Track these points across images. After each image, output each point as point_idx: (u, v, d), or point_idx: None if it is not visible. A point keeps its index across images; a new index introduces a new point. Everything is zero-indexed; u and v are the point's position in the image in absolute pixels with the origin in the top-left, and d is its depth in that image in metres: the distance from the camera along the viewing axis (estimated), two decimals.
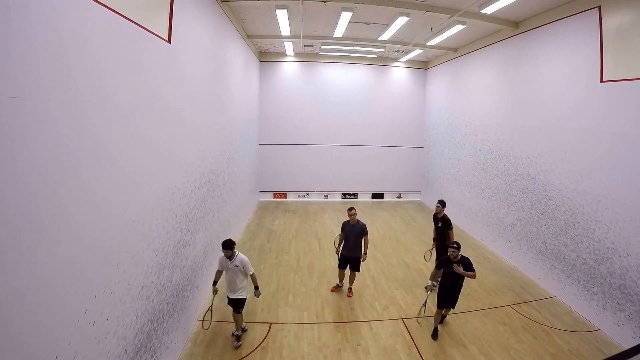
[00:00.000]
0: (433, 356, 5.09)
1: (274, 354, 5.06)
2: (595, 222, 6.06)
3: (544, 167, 7.41)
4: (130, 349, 3.49)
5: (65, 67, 2.49)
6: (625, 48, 5.55)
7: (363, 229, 6.47)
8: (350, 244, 6.51)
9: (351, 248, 6.51)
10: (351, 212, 6.50)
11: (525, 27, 8.02)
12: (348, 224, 6.55)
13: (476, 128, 10.35)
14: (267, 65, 13.58)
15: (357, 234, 6.47)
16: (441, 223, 7.00)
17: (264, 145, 13.80)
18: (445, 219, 6.98)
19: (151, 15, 3.91)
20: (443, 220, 6.99)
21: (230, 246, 4.95)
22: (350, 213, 6.50)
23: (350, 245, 6.51)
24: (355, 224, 6.48)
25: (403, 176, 14.76)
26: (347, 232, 6.52)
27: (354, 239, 6.48)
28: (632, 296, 5.34)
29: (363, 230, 6.47)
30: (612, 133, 5.76)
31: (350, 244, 6.50)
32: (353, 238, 6.47)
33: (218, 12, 6.93)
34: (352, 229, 6.48)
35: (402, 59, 13.55)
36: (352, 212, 6.50)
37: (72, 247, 2.57)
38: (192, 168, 5.48)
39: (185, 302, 5.18)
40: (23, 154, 2.13)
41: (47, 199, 2.33)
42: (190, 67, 5.31)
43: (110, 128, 3.08)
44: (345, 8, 7.63)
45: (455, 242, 5.48)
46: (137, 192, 3.60)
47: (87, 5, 2.73)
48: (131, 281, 3.48)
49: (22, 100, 2.11)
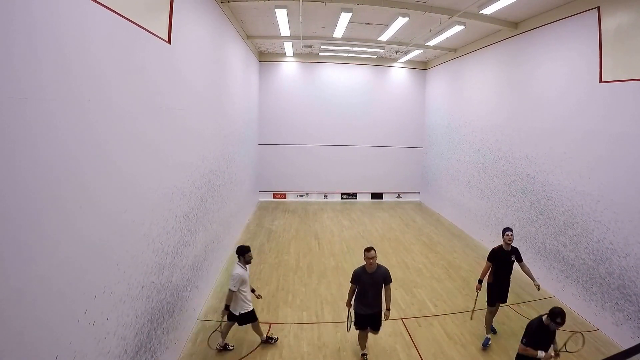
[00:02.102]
0: (432, 356, 5.10)
1: (274, 354, 5.06)
2: (594, 223, 6.07)
3: (543, 167, 7.43)
4: (130, 349, 3.49)
5: (65, 67, 2.49)
6: (624, 48, 5.57)
7: (386, 276, 4.70)
8: (369, 298, 4.72)
9: (370, 303, 4.74)
10: (370, 255, 4.56)
11: (525, 27, 8.03)
12: (364, 273, 4.67)
13: (475, 128, 10.36)
14: (266, 66, 13.59)
15: (378, 284, 4.70)
16: (515, 256, 5.35)
17: (263, 145, 13.80)
18: (516, 250, 5.41)
19: (151, 15, 3.91)
20: (515, 252, 5.38)
21: None
22: (368, 255, 4.56)
23: (369, 299, 4.72)
24: (375, 271, 4.64)
25: (402, 176, 14.77)
26: (364, 284, 4.69)
27: (375, 291, 4.72)
28: (631, 296, 5.36)
29: (386, 277, 4.71)
30: (611, 133, 5.77)
31: (368, 297, 4.72)
32: (373, 290, 4.71)
33: (218, 13, 6.94)
34: (371, 279, 4.65)
35: (402, 59, 13.56)
36: (370, 253, 4.56)
37: (72, 247, 2.58)
38: (191, 168, 5.48)
39: (185, 302, 5.18)
40: (23, 154, 2.14)
41: (47, 199, 2.33)
42: (190, 67, 5.31)
43: (110, 128, 3.09)
44: (344, 8, 7.64)
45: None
46: (136, 192, 3.61)
47: (87, 5, 2.73)
48: (131, 281, 3.48)
49: (22, 101, 2.11)
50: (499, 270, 5.35)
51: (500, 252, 5.34)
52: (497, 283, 5.40)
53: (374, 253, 4.59)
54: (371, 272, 4.65)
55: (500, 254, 5.33)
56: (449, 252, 9.16)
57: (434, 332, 5.67)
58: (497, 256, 5.32)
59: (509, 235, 5.29)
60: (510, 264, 5.36)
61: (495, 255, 5.34)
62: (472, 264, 8.46)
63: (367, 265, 4.65)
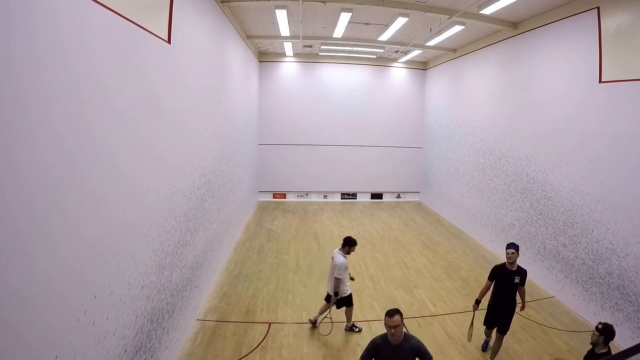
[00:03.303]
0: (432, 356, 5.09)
1: (274, 354, 5.06)
2: (594, 223, 6.08)
3: (542, 167, 7.43)
4: (130, 348, 3.49)
5: (65, 67, 2.49)
6: (624, 49, 5.57)
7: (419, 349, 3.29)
8: None
9: None
10: (393, 321, 3.18)
11: (524, 27, 8.04)
12: (385, 345, 3.29)
13: (475, 128, 10.37)
14: (266, 66, 13.59)
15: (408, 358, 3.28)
16: (519, 278, 4.59)
17: (263, 145, 13.80)
18: (523, 272, 4.67)
19: (151, 15, 3.91)
20: (521, 274, 4.62)
21: None
22: (390, 323, 3.19)
23: None
24: (400, 342, 3.25)
25: (402, 176, 14.77)
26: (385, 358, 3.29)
27: None
28: (631, 296, 5.36)
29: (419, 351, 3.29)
30: (611, 133, 5.77)
31: None
32: None
33: (218, 13, 6.94)
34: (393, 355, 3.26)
35: (402, 59, 13.57)
36: (393, 320, 3.18)
37: (71, 247, 2.58)
38: (191, 168, 5.48)
39: (185, 302, 5.18)
40: (23, 154, 2.13)
41: (47, 199, 2.33)
42: (190, 67, 5.31)
43: (110, 128, 3.09)
44: (344, 9, 7.64)
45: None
46: (136, 192, 3.61)
47: (87, 5, 2.73)
48: (131, 281, 3.48)
49: (22, 101, 2.11)
50: (498, 292, 4.73)
51: (501, 270, 4.66)
52: (494, 306, 4.79)
53: (398, 319, 3.18)
54: (396, 342, 3.25)
55: (501, 273, 4.65)
56: (448, 252, 9.16)
57: (434, 332, 5.67)
58: (498, 274, 4.68)
59: (508, 254, 4.57)
60: (512, 287, 4.61)
61: (496, 273, 4.69)
62: (471, 264, 8.46)
63: (389, 335, 3.24)
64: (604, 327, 3.39)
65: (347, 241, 5.49)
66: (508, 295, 4.67)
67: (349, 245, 5.47)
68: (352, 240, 5.51)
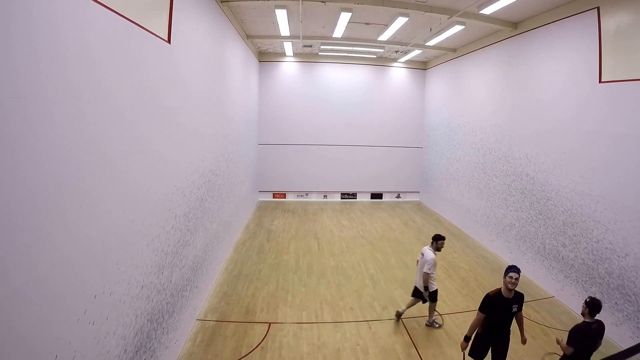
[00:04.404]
0: (432, 356, 5.10)
1: (273, 354, 5.06)
2: (594, 223, 6.08)
3: (542, 167, 7.43)
4: (129, 348, 3.49)
5: (64, 67, 2.49)
6: (624, 49, 5.57)
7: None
8: None
9: None
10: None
11: (524, 27, 8.04)
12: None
13: (475, 128, 10.37)
14: (266, 66, 13.58)
15: None
16: (517, 306, 3.99)
17: (263, 145, 13.80)
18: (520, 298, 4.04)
19: (151, 15, 3.91)
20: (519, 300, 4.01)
21: None
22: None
23: None
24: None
25: (402, 176, 14.77)
26: None
27: None
28: (630, 296, 5.36)
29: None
30: (611, 134, 5.77)
31: None
32: None
33: (218, 12, 6.94)
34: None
35: (401, 59, 13.57)
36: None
37: (71, 247, 2.58)
38: (191, 168, 5.48)
39: (185, 302, 5.18)
40: (23, 154, 2.13)
41: (47, 199, 2.33)
42: (190, 67, 5.31)
43: (110, 128, 3.09)
44: (344, 8, 7.64)
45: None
46: (136, 192, 3.61)
47: (87, 5, 2.73)
48: (131, 281, 3.49)
49: (22, 101, 2.11)
50: (492, 323, 4.00)
51: (497, 300, 3.91)
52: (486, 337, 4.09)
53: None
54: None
55: (497, 303, 3.91)
56: (448, 252, 9.15)
57: (434, 332, 5.67)
58: (493, 306, 3.93)
59: (511, 278, 3.83)
60: (510, 317, 3.99)
61: (490, 304, 3.93)
62: (471, 264, 8.47)
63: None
64: (591, 300, 3.74)
65: (435, 237, 5.67)
66: (504, 327, 4.03)
67: (436, 240, 5.62)
68: (439, 235, 5.67)
